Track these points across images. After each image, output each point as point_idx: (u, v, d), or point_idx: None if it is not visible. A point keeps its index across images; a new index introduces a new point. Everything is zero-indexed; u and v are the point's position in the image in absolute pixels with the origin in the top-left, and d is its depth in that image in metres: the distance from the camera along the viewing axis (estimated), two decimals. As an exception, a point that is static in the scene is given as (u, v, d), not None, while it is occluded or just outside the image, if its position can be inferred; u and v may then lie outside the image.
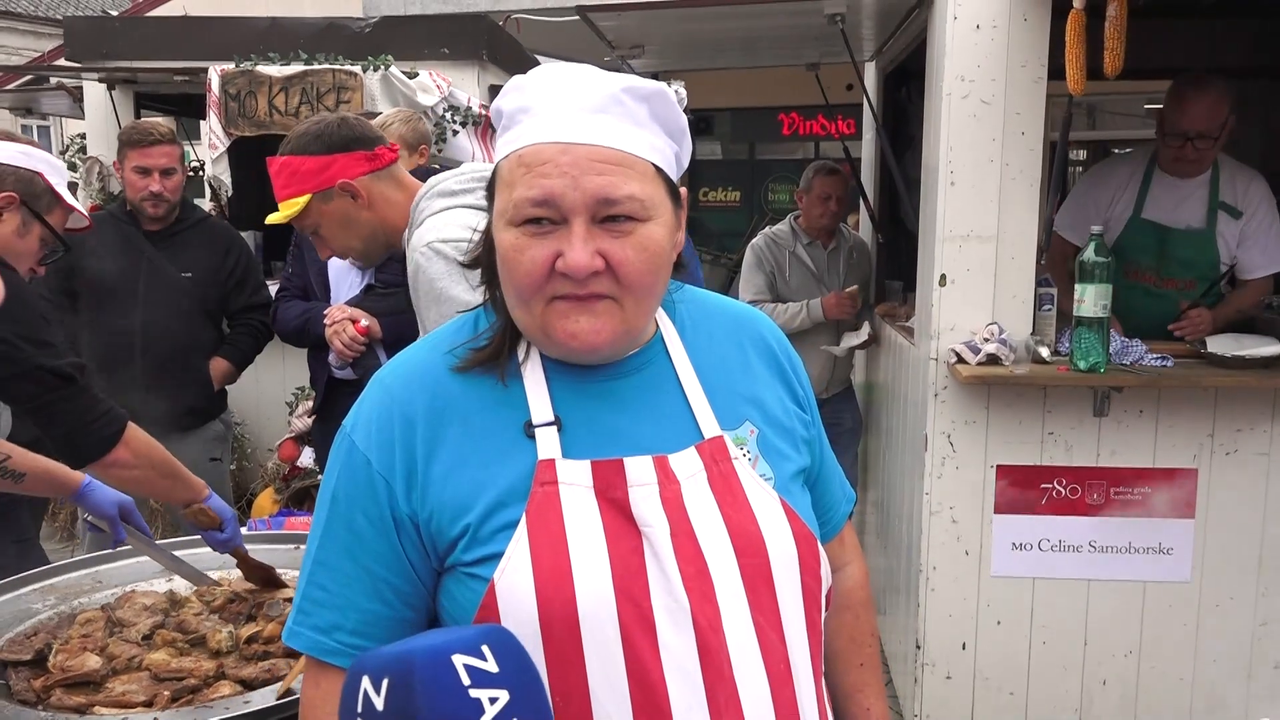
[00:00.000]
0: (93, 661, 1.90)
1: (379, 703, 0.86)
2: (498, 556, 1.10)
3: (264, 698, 1.78)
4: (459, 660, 0.90)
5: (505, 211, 1.12)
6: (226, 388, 4.02)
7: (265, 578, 2.29)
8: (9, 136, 2.46)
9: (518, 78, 1.17)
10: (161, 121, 3.90)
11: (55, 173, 2.44)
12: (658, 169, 1.15)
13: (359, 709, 0.88)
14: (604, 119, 1.11)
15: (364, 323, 3.29)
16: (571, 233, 1.09)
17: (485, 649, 0.93)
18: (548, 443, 1.14)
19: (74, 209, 2.48)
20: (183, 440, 3.84)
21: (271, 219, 2.39)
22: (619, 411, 1.19)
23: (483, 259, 1.22)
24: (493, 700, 0.88)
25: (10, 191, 2.33)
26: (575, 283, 1.10)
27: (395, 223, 2.40)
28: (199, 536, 2.67)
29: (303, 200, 2.33)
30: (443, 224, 2.21)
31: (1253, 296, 3.71)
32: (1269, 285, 3.75)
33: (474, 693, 0.88)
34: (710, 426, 1.20)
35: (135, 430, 2.21)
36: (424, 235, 2.17)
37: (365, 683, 0.89)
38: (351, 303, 3.43)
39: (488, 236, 1.21)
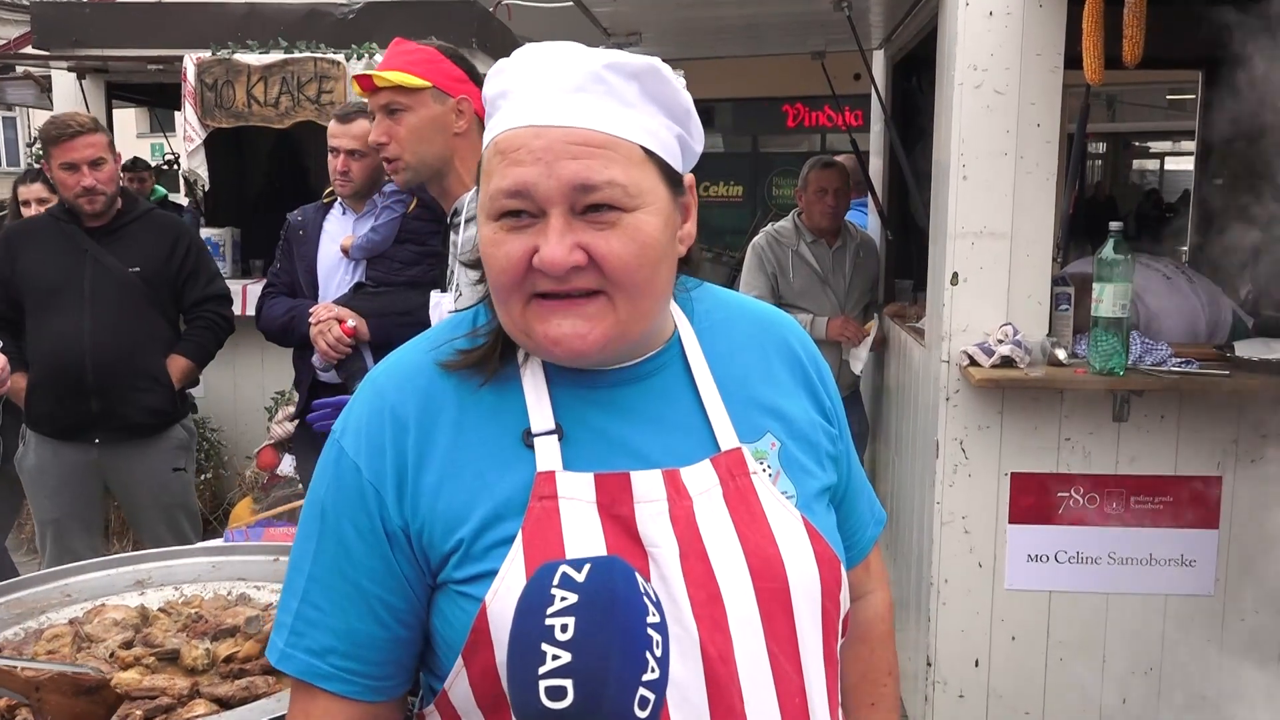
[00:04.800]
0: (59, 679, 1.85)
1: (580, 577, 0.91)
2: (491, 575, 1.04)
3: (240, 717, 1.70)
4: (639, 578, 0.95)
5: (484, 205, 1.07)
6: (192, 392, 3.88)
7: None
8: None
9: (501, 60, 1.11)
10: (81, 112, 3.74)
11: None
12: (648, 153, 1.06)
13: (556, 582, 0.91)
14: (583, 98, 1.04)
15: (351, 323, 3.20)
16: (548, 226, 1.02)
17: (650, 587, 0.97)
18: (547, 453, 1.07)
19: None
20: (142, 449, 3.71)
21: (381, 73, 2.46)
22: (627, 420, 1.12)
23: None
24: (653, 612, 0.93)
25: None
26: (555, 280, 1.03)
27: (460, 169, 2.50)
28: (171, 549, 2.54)
29: (423, 83, 2.43)
30: None
31: None
32: None
33: (645, 600, 0.93)
34: (728, 438, 1.13)
35: None
36: None
37: (565, 567, 0.92)
38: (340, 301, 3.34)
39: None
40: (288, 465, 4.31)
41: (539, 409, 1.10)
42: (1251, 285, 4.14)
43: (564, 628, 0.87)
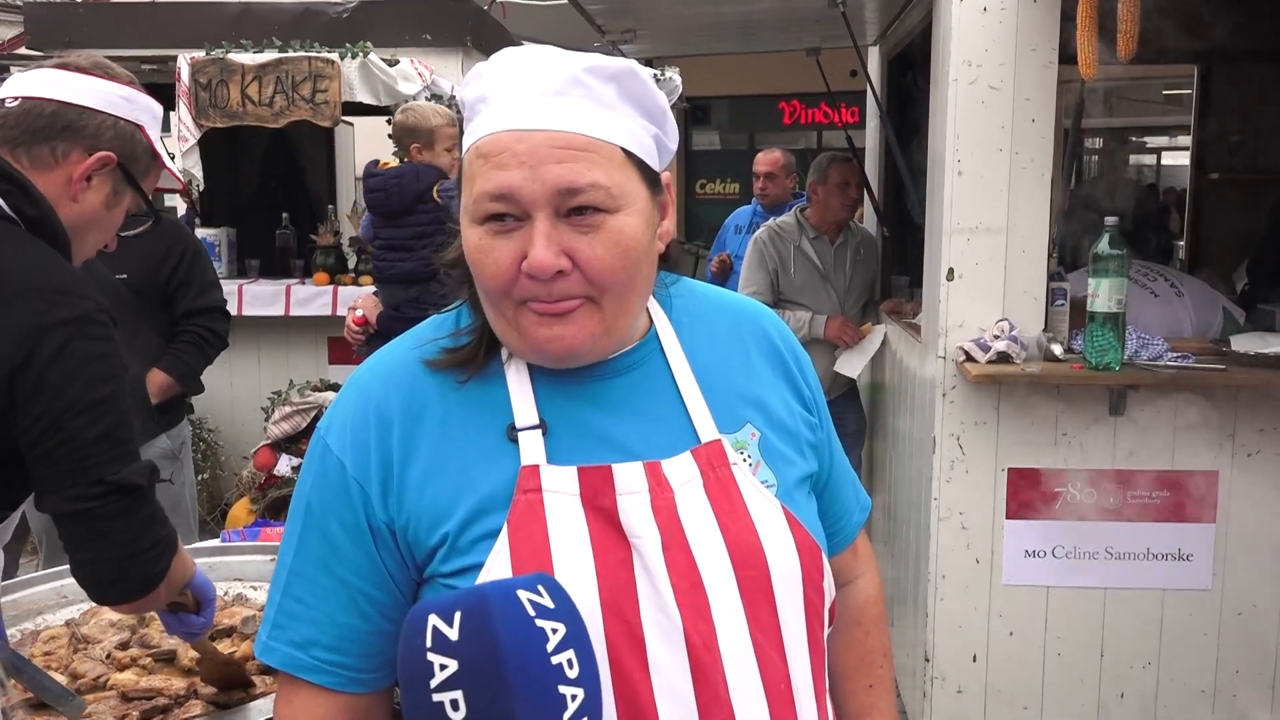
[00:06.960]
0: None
1: (453, 634, 0.89)
2: (477, 568, 1.05)
3: (237, 718, 1.74)
4: (522, 595, 0.94)
5: (468, 208, 1.07)
6: (191, 399, 3.78)
7: (226, 678, 1.90)
8: (107, 71, 1.84)
9: (479, 64, 1.12)
10: None
11: (156, 124, 1.91)
12: (628, 154, 1.08)
13: (429, 644, 0.90)
14: (563, 102, 1.05)
15: (359, 313, 3.24)
16: (535, 230, 1.03)
17: (540, 588, 0.97)
18: (531, 447, 1.09)
19: (168, 169, 1.96)
20: None
21: None
22: (609, 414, 1.13)
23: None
24: (554, 630, 0.92)
25: (107, 150, 1.76)
26: (543, 285, 1.04)
27: None
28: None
29: None
30: None
31: None
32: None
33: (539, 623, 0.92)
34: (707, 429, 1.14)
35: (180, 556, 1.69)
36: None
37: (433, 620, 0.91)
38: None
39: None
40: (285, 465, 4.30)
41: (523, 404, 1.11)
42: (1247, 278, 4.15)
43: (455, 705, 0.85)
